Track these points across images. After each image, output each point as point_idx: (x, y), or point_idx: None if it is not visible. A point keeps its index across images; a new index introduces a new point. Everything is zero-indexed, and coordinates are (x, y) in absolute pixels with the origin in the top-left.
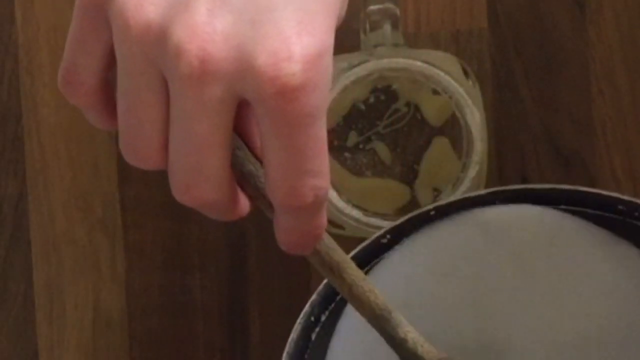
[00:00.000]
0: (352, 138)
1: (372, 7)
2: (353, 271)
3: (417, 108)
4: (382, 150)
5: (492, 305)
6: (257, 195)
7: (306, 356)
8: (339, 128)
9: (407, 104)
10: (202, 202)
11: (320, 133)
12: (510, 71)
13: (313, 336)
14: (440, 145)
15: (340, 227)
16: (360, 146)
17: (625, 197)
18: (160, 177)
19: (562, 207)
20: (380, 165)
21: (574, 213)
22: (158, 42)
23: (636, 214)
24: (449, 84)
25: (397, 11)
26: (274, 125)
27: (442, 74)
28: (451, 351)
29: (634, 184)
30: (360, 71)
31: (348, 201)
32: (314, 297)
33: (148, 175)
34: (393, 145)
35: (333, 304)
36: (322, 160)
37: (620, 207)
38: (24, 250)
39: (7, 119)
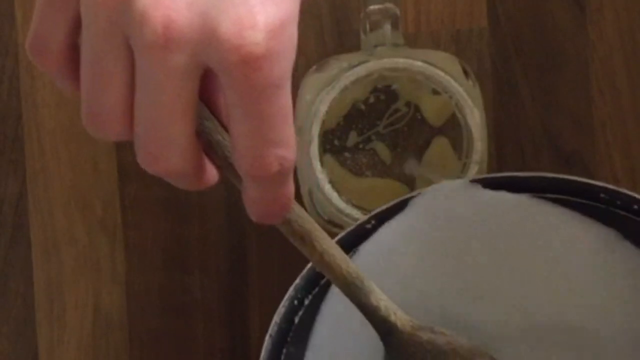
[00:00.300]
0: (352, 138)
1: (372, 7)
2: (324, 240)
3: (417, 108)
4: (382, 150)
5: (467, 282)
6: (225, 165)
7: (289, 339)
8: (339, 128)
9: (407, 104)
10: (168, 171)
11: (284, 103)
12: (510, 71)
13: (296, 319)
14: (440, 145)
15: (340, 227)
16: (360, 146)
17: (609, 186)
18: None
19: (548, 195)
20: (380, 165)
21: (558, 201)
22: (123, 9)
23: (618, 202)
24: (449, 84)
25: (397, 11)
26: (238, 94)
27: (442, 74)
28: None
29: (634, 184)
30: (360, 71)
31: (348, 201)
32: (297, 281)
33: (148, 174)
34: (393, 145)
35: (317, 288)
36: (286, 131)
37: (602, 195)
38: (24, 250)
39: (7, 119)
